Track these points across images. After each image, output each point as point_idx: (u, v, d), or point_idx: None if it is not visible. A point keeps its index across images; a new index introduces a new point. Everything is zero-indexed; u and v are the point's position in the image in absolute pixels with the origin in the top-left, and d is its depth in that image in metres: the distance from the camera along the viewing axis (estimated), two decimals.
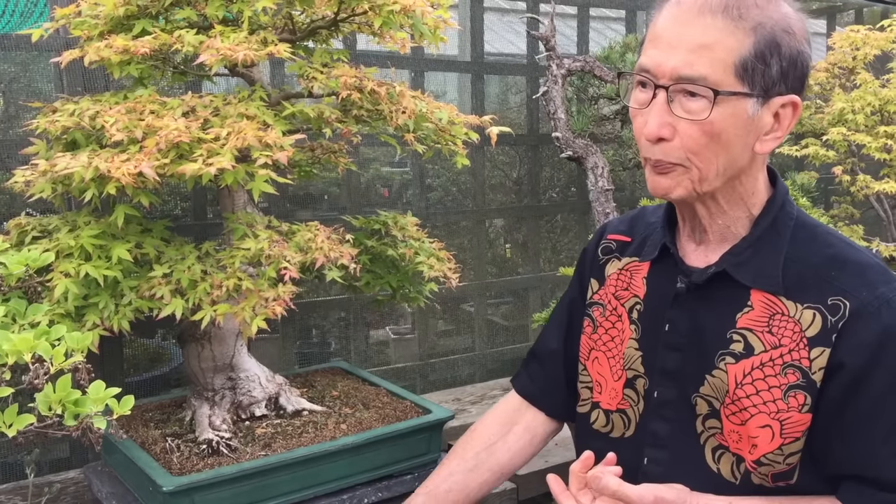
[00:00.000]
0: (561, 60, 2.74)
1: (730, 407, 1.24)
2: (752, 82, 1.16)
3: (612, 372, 1.40)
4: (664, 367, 1.33)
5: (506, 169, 3.41)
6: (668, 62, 1.17)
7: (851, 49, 3.21)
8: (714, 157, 1.20)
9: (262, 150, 1.49)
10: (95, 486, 1.86)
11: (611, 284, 1.44)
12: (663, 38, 1.20)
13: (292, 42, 1.78)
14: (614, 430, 1.40)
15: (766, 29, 1.16)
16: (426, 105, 1.77)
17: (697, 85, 1.16)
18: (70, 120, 1.58)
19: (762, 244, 1.27)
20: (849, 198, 3.38)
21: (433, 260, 1.97)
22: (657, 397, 1.33)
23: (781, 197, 1.29)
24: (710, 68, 1.15)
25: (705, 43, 1.16)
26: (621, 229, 1.50)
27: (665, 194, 1.25)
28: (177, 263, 1.62)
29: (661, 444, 1.32)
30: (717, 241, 1.30)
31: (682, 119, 1.18)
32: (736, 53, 1.15)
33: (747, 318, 1.25)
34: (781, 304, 1.23)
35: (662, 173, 1.23)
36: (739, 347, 1.24)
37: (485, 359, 3.12)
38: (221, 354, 1.86)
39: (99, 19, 1.69)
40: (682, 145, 1.19)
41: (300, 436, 1.81)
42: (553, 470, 2.26)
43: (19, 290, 1.40)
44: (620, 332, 1.40)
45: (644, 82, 1.22)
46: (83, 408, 1.15)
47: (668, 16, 1.21)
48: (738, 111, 1.17)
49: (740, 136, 1.19)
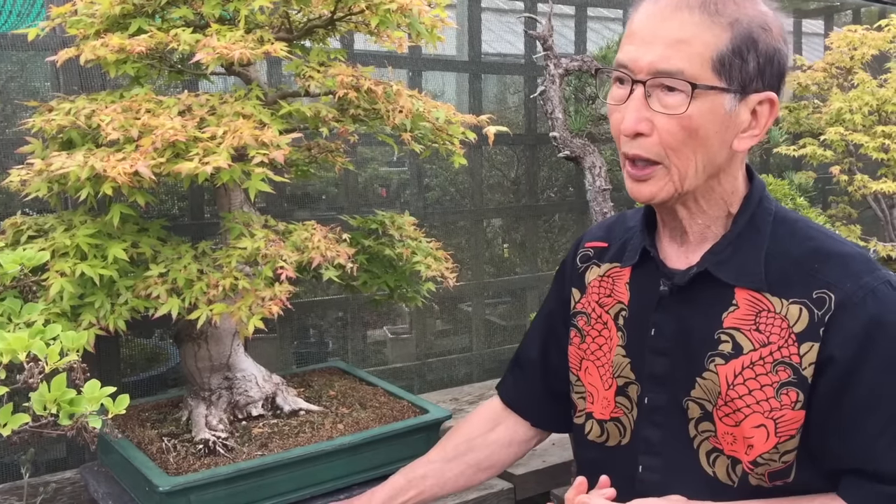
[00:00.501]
0: (559, 60, 2.74)
1: (723, 409, 1.23)
2: (729, 77, 1.17)
3: (602, 381, 1.39)
4: (652, 372, 1.32)
5: (503, 169, 3.40)
6: (644, 57, 1.18)
7: (849, 49, 3.21)
8: (692, 154, 1.19)
9: (259, 148, 1.48)
10: (92, 487, 1.86)
11: (593, 292, 1.44)
12: (639, 34, 1.20)
13: (289, 41, 1.78)
14: (609, 439, 1.38)
15: (742, 25, 1.17)
16: (423, 104, 1.77)
17: (675, 79, 1.16)
18: (66, 119, 1.57)
19: (742, 241, 1.26)
20: (846, 198, 3.38)
21: (430, 259, 1.97)
22: (648, 403, 1.32)
23: (758, 193, 1.29)
24: (688, 62, 1.16)
25: (682, 38, 1.16)
26: (599, 235, 1.50)
27: (650, 200, 1.25)
28: (173, 263, 1.62)
29: (655, 451, 1.31)
30: (698, 242, 1.30)
31: (660, 114, 1.18)
32: (713, 48, 1.16)
33: (733, 318, 1.24)
34: (766, 301, 1.22)
35: (642, 180, 1.23)
36: (728, 347, 1.23)
37: (482, 358, 3.12)
38: (218, 354, 1.86)
39: (95, 18, 1.69)
40: (661, 141, 1.19)
41: (297, 435, 1.81)
42: (550, 470, 2.27)
43: (15, 290, 1.40)
44: (608, 340, 1.39)
45: (621, 78, 1.22)
46: (78, 407, 1.15)
47: (644, 12, 1.21)
48: (716, 106, 1.17)
49: (718, 132, 1.19)
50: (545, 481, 2.27)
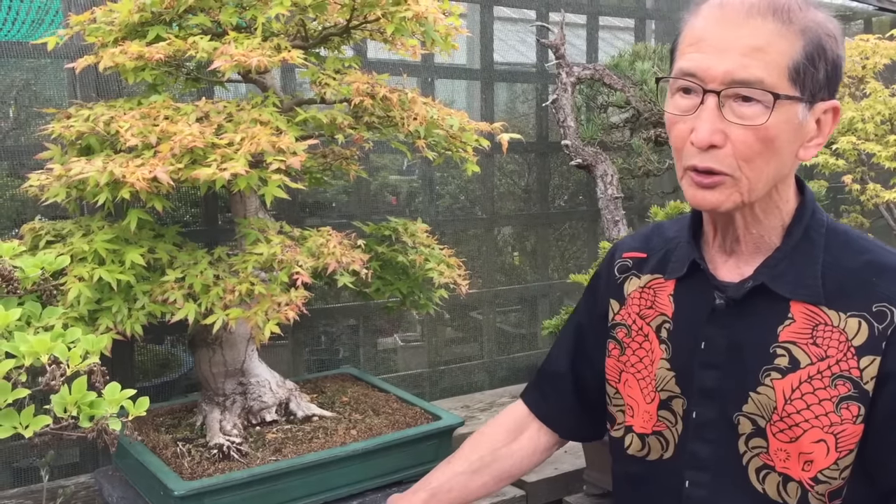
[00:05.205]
0: (570, 68, 2.75)
1: (778, 424, 1.20)
2: (802, 86, 1.13)
3: (643, 394, 1.36)
4: (702, 386, 1.27)
5: (515, 177, 3.41)
6: (718, 65, 1.13)
7: (861, 58, 3.22)
8: (765, 165, 1.16)
9: (276, 155, 1.50)
10: (106, 491, 1.86)
11: (633, 304, 1.40)
12: (709, 42, 1.15)
13: (305, 49, 1.79)
14: (651, 453, 1.35)
15: (813, 32, 1.14)
16: (437, 112, 1.78)
17: (754, 89, 1.12)
18: (85, 125, 1.59)
19: (797, 253, 1.23)
20: (858, 207, 3.38)
21: (443, 266, 1.97)
22: (696, 418, 1.28)
23: (811, 204, 1.26)
24: (766, 71, 1.11)
25: (758, 45, 1.12)
26: (636, 246, 1.45)
27: (715, 208, 1.20)
28: (189, 268, 1.63)
29: (703, 466, 1.27)
30: (750, 252, 1.26)
31: (735, 125, 1.13)
32: (788, 56, 1.12)
33: (790, 331, 1.20)
34: (823, 315, 1.19)
35: (708, 188, 1.17)
36: (784, 362, 1.20)
37: (494, 366, 3.12)
38: (232, 359, 1.87)
39: (113, 26, 1.71)
40: (735, 152, 1.14)
41: (310, 441, 1.82)
42: (562, 477, 2.27)
43: (34, 294, 1.41)
44: (649, 353, 1.36)
45: (689, 87, 1.17)
46: (98, 410, 1.16)
47: (711, 19, 1.16)
48: (791, 117, 1.14)
49: (790, 142, 1.16)
50: (557, 489, 2.28)
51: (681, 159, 1.20)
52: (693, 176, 1.18)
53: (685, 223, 1.37)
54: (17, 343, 1.16)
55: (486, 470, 1.52)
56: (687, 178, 1.20)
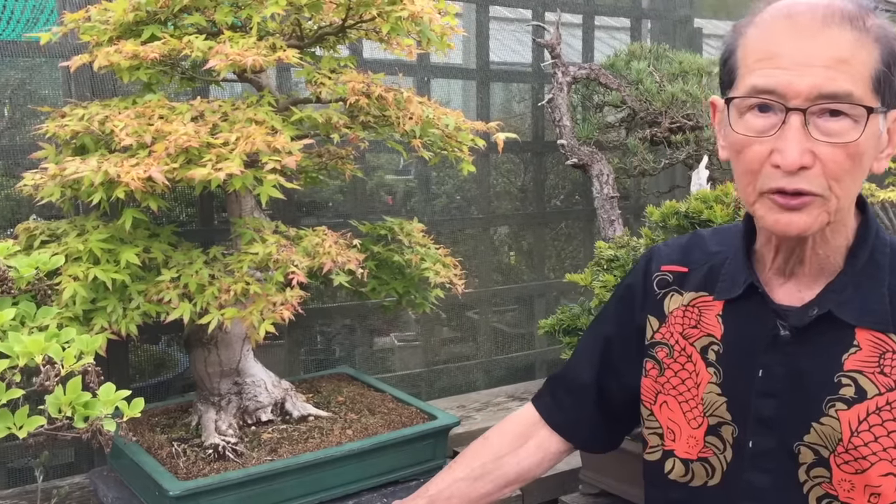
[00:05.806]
0: (566, 68, 2.75)
1: (843, 456, 1.14)
2: (883, 96, 1.07)
3: (687, 418, 1.29)
4: (760, 416, 1.21)
5: (511, 176, 3.41)
6: (802, 80, 1.04)
7: None
8: (853, 183, 1.09)
9: (271, 154, 1.49)
10: (101, 491, 1.86)
11: (675, 322, 1.32)
12: (785, 55, 1.06)
13: (300, 48, 1.79)
14: (695, 479, 1.29)
15: (887, 40, 1.08)
16: (433, 111, 1.78)
17: (844, 103, 1.04)
18: (79, 124, 1.59)
19: (863, 277, 1.16)
20: None
21: (439, 266, 1.97)
22: (753, 447, 1.22)
23: (874, 222, 1.19)
24: (853, 84, 1.04)
25: (842, 57, 1.04)
26: (675, 258, 1.37)
27: (804, 232, 1.11)
28: (184, 268, 1.63)
29: (759, 496, 1.22)
30: (813, 275, 1.19)
31: (823, 143, 1.05)
32: (870, 66, 1.06)
33: (855, 360, 1.14)
34: (891, 342, 1.13)
35: (795, 209, 1.08)
36: (850, 392, 1.14)
37: (490, 366, 3.12)
38: (228, 359, 1.86)
39: (108, 25, 1.70)
40: (825, 172, 1.06)
41: (306, 441, 1.81)
42: (558, 477, 2.27)
43: (29, 294, 1.41)
44: (694, 376, 1.29)
45: (766, 106, 1.08)
46: (93, 410, 1.16)
47: (779, 31, 1.08)
48: (875, 129, 1.08)
49: (872, 156, 1.10)
50: (553, 488, 2.27)
51: (755, 182, 1.11)
52: (778, 199, 1.09)
53: (730, 238, 1.31)
54: (11, 343, 1.15)
55: (489, 477, 1.46)
56: (766, 201, 1.11)
